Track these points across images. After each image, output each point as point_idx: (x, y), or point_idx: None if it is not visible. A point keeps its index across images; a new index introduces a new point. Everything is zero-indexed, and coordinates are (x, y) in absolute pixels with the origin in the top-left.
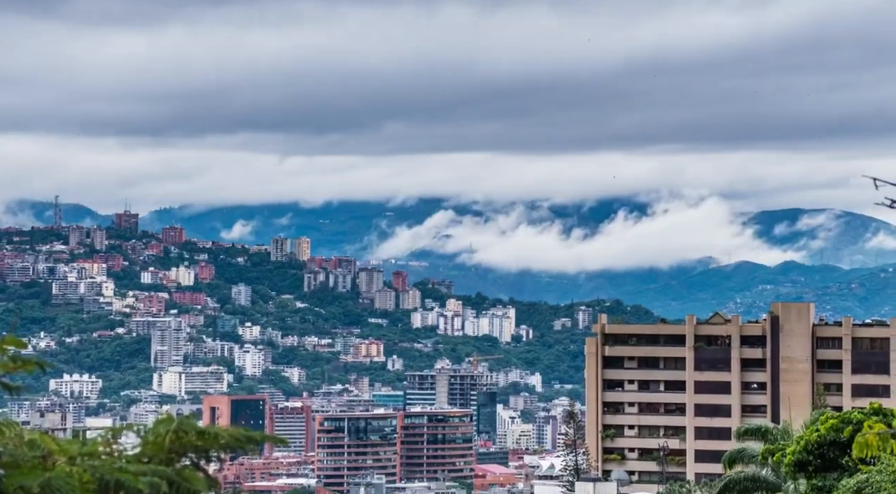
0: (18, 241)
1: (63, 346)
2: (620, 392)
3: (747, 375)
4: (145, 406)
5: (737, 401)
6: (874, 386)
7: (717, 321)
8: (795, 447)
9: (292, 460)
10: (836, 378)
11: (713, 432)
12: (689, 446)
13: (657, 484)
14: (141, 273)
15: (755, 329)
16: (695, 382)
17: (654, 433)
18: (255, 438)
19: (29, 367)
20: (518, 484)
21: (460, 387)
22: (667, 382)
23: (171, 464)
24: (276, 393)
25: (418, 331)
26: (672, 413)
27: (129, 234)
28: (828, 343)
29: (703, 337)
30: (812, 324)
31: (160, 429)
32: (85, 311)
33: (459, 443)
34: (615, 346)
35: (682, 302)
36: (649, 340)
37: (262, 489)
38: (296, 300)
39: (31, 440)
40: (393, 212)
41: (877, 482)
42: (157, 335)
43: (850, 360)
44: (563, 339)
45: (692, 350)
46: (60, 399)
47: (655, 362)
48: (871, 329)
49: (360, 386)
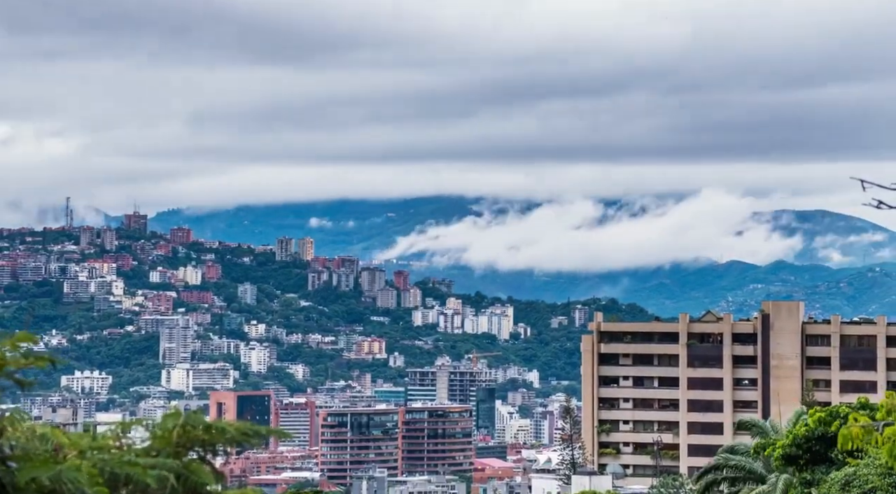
0: (31, 242)
1: (74, 343)
2: (616, 388)
3: (739, 372)
4: (154, 401)
5: (728, 397)
6: (862, 383)
7: (709, 319)
8: (784, 441)
9: (297, 454)
10: (824, 374)
11: (706, 427)
12: (682, 440)
13: (651, 478)
14: (150, 272)
15: (746, 326)
16: (688, 378)
17: (649, 428)
18: (260, 432)
19: (41, 363)
20: (516, 478)
21: (460, 383)
22: (661, 378)
23: (179, 458)
24: (280, 389)
25: (419, 329)
26: (666, 408)
27: (138, 235)
28: (817, 340)
29: (696, 335)
30: (801, 322)
31: (168, 424)
32: (95, 309)
33: (459, 438)
34: (611, 343)
35: (675, 301)
36: (644, 338)
37: (268, 482)
38: (300, 298)
39: (42, 434)
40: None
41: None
42: (165, 332)
43: (838, 357)
44: (559, 337)
45: (685, 347)
46: (72, 395)
47: (650, 359)
48: (859, 326)
49: (363, 383)
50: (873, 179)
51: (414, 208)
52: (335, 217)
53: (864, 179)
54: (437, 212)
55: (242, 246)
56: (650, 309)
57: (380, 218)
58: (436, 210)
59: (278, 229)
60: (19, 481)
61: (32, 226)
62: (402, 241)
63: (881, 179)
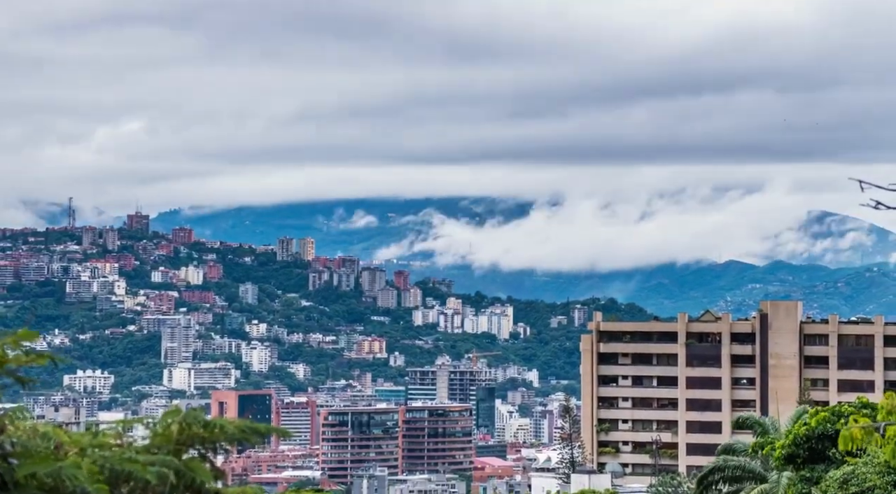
0: (34, 242)
1: (76, 343)
2: (615, 387)
3: (737, 371)
4: (156, 401)
5: (727, 396)
6: (859, 382)
7: (708, 318)
8: (785, 440)
9: (298, 453)
10: (822, 373)
11: (704, 426)
12: (681, 439)
13: (650, 476)
14: (151, 272)
15: (745, 326)
16: (686, 378)
17: (648, 427)
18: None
19: (41, 360)
20: (516, 477)
21: (460, 383)
22: (659, 378)
23: (179, 456)
24: (282, 388)
25: (419, 329)
26: (664, 407)
27: (139, 235)
28: (814, 340)
29: (695, 335)
30: (799, 322)
31: (167, 421)
32: (98, 309)
33: (459, 437)
34: (610, 343)
35: (674, 301)
36: (643, 337)
37: (269, 481)
38: (301, 298)
39: (44, 432)
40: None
41: (862, 473)
42: (167, 332)
43: (836, 356)
44: (559, 336)
45: (684, 346)
46: (74, 394)
47: (648, 358)
48: (857, 326)
49: (364, 382)
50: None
51: (415, 209)
52: (339, 217)
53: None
54: (438, 213)
55: (243, 246)
56: (649, 308)
57: (381, 218)
58: (436, 210)
59: (280, 229)
60: (19, 477)
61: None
62: (403, 241)
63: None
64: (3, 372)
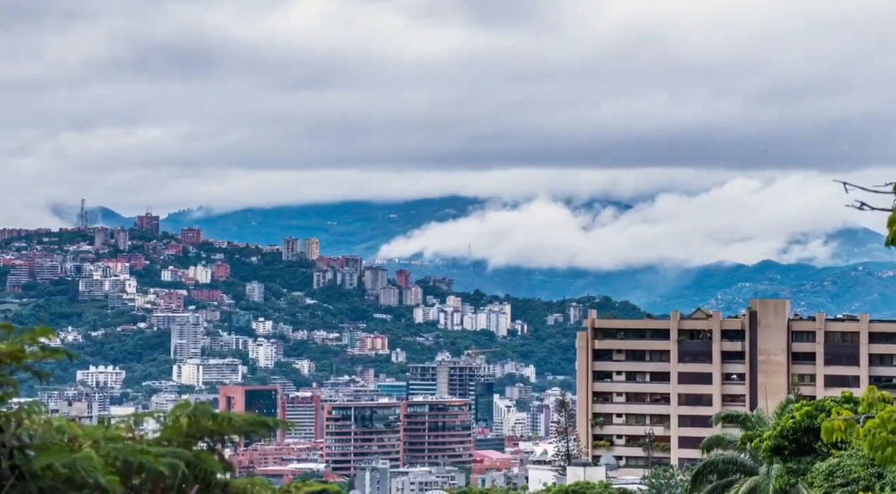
0: (47, 242)
1: (89, 340)
2: (609, 382)
3: (727, 367)
4: (165, 395)
5: (717, 391)
6: (845, 377)
7: (699, 316)
8: (772, 432)
9: (302, 446)
10: (809, 369)
11: (696, 420)
12: (673, 433)
13: (643, 469)
14: (161, 271)
15: (735, 323)
16: (678, 373)
17: (641, 421)
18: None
19: (57, 355)
20: (513, 469)
21: (459, 378)
22: (652, 373)
23: (189, 447)
24: (287, 383)
25: (420, 326)
26: (657, 402)
27: (150, 235)
28: (802, 336)
29: (686, 332)
30: (788, 319)
31: (177, 413)
32: (109, 307)
33: (459, 431)
34: (604, 340)
35: (666, 299)
36: (636, 334)
37: (274, 473)
38: (306, 296)
39: (58, 426)
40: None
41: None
42: (176, 329)
43: (822, 353)
44: (555, 333)
45: (676, 343)
46: (87, 389)
47: (642, 354)
48: (843, 323)
49: (366, 377)
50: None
51: (415, 209)
52: (341, 218)
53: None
54: (438, 213)
55: (250, 246)
56: (642, 306)
57: (382, 218)
58: (436, 210)
59: (285, 229)
60: (36, 468)
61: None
62: (404, 241)
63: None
64: (21, 367)
